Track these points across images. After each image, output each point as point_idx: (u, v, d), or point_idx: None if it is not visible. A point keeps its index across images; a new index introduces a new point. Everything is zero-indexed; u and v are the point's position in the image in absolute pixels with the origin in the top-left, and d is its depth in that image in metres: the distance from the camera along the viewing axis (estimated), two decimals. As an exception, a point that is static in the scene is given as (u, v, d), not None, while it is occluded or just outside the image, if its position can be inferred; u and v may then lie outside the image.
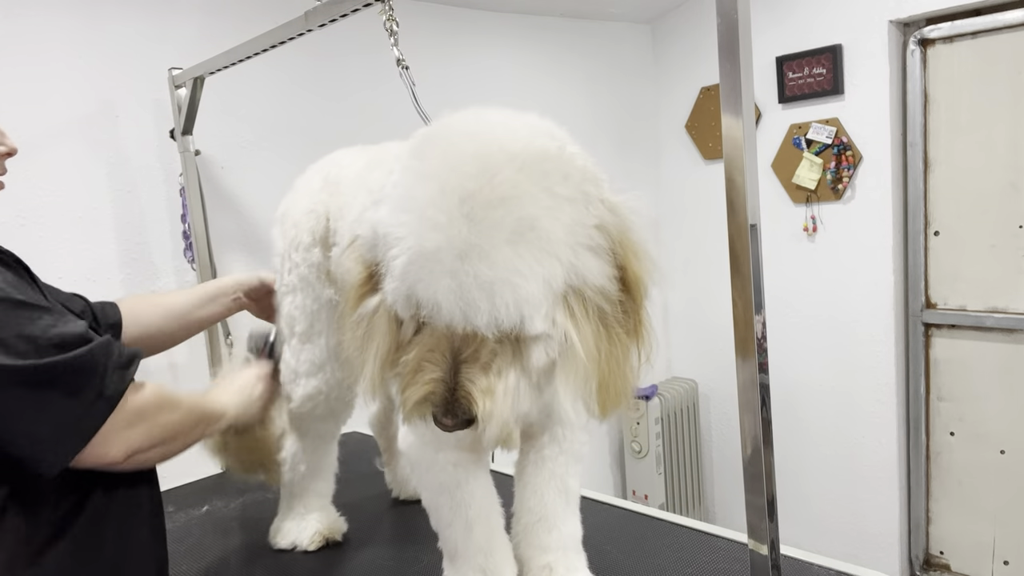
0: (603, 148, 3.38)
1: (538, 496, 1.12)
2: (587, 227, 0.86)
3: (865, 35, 2.85)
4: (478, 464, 1.09)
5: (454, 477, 1.07)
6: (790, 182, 3.10)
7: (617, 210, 0.91)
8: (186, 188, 2.09)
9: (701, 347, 3.60)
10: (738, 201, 0.89)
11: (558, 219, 0.83)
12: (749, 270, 0.90)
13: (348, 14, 1.39)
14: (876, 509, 3.10)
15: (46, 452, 0.93)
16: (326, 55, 2.47)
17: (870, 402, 3.06)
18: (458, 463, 1.07)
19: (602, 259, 0.87)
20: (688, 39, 3.40)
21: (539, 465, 1.13)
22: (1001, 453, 2.84)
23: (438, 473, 1.07)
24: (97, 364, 0.95)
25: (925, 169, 2.88)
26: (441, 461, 1.07)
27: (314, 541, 1.47)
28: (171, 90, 2.04)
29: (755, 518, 0.96)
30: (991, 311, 2.79)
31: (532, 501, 1.12)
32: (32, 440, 0.92)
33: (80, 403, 0.93)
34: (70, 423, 0.93)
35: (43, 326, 0.92)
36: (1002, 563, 2.89)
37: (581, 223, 0.86)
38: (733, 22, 0.85)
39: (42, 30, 1.95)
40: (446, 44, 2.81)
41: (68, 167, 2.01)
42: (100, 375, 0.95)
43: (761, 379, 0.92)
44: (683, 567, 1.30)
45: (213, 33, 2.21)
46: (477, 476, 1.08)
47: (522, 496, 1.14)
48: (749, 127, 0.88)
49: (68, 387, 0.92)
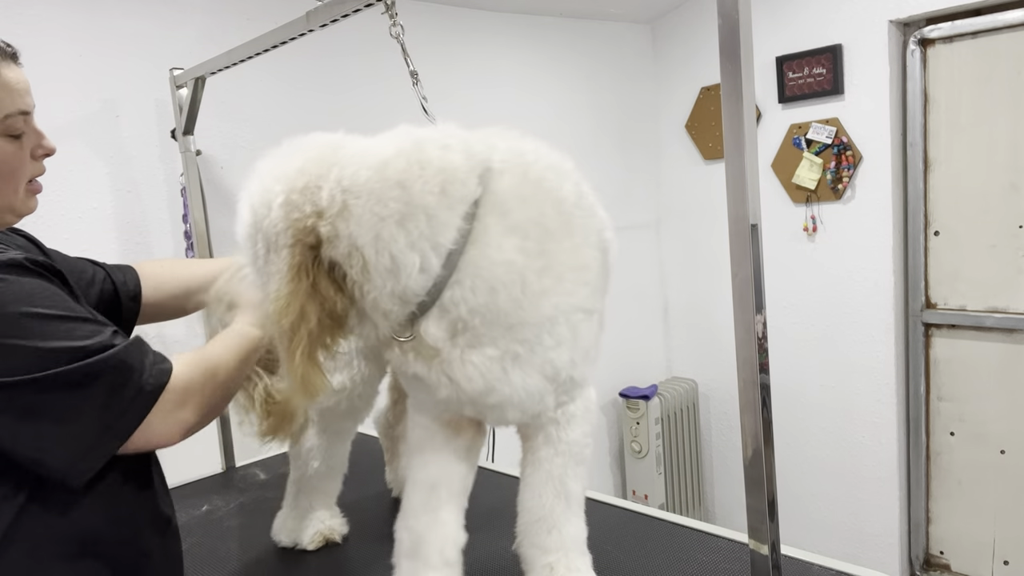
0: (603, 148, 3.38)
1: (536, 497, 1.12)
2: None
3: (865, 35, 2.85)
4: (446, 437, 1.14)
5: (420, 438, 1.15)
6: (790, 182, 3.10)
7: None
8: (187, 188, 2.09)
9: (701, 347, 3.60)
10: (738, 201, 0.89)
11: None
12: (749, 270, 0.91)
13: (349, 14, 1.39)
14: (876, 509, 3.10)
15: (74, 461, 0.92)
16: (327, 55, 2.47)
17: (870, 402, 3.06)
18: (427, 428, 1.14)
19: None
20: (688, 39, 3.40)
21: (536, 466, 1.12)
22: (1001, 453, 2.84)
23: (412, 432, 1.17)
24: (133, 364, 0.95)
25: (925, 169, 2.88)
26: (416, 421, 1.16)
27: (314, 541, 1.47)
28: (172, 90, 2.04)
29: (755, 518, 0.96)
30: (991, 311, 2.79)
31: (531, 502, 1.12)
32: (58, 450, 0.91)
33: (116, 405, 0.93)
34: (102, 429, 0.93)
35: (85, 333, 0.92)
36: (1002, 563, 2.89)
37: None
38: (734, 22, 0.85)
39: (43, 29, 1.95)
40: (446, 44, 2.82)
41: (69, 167, 2.01)
42: (138, 373, 0.95)
43: (761, 379, 0.92)
44: (683, 567, 1.30)
45: (214, 33, 2.21)
46: (441, 447, 1.14)
47: (522, 496, 1.14)
48: (749, 127, 0.88)
49: (107, 388, 0.92)
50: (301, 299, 0.92)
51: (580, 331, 1.02)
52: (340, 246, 0.93)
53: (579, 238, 1.02)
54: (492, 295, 0.95)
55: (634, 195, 3.51)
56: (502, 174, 0.99)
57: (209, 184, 2.18)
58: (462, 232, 0.94)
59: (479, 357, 0.98)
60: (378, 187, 0.92)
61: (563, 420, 1.09)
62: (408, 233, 0.92)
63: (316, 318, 0.93)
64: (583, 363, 1.06)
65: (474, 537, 1.25)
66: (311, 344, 0.93)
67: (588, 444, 1.13)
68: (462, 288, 0.95)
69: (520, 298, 0.96)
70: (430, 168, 0.94)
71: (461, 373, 0.99)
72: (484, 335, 0.97)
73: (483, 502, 1.46)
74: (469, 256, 0.94)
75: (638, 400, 3.33)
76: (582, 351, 1.04)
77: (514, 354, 0.98)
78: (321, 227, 0.92)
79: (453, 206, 0.94)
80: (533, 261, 0.96)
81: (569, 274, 1.00)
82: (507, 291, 0.95)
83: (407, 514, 1.16)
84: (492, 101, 2.96)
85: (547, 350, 1.00)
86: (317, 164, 0.96)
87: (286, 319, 0.92)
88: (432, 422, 1.14)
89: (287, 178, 0.96)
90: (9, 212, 1.03)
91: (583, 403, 1.11)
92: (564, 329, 1.00)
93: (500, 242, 0.95)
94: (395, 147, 0.96)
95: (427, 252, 0.93)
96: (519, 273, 0.95)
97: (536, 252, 0.97)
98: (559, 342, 1.00)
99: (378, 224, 0.91)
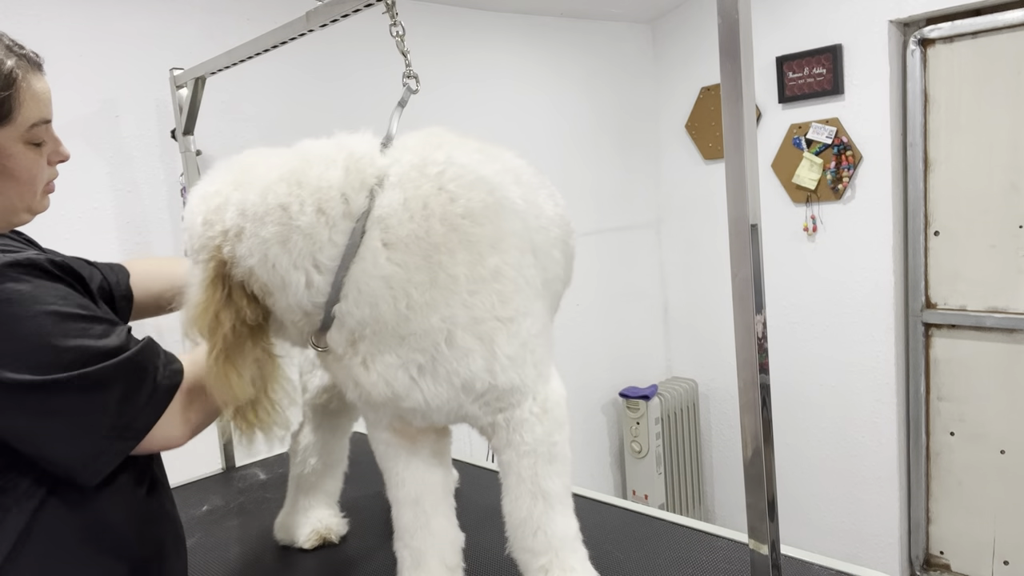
0: (603, 148, 3.38)
1: (513, 500, 1.11)
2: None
3: (865, 35, 2.85)
4: (410, 450, 1.17)
5: (386, 454, 1.18)
6: (790, 182, 3.10)
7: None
8: (187, 188, 2.09)
9: (701, 347, 3.60)
10: (738, 201, 0.89)
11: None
12: (749, 270, 0.91)
13: (349, 14, 1.39)
14: (876, 509, 3.10)
15: (88, 461, 0.94)
16: (327, 55, 2.47)
17: (870, 402, 3.06)
18: (388, 443, 1.17)
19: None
20: (688, 39, 3.40)
21: (505, 470, 1.11)
22: (1001, 453, 2.84)
23: (376, 447, 1.19)
24: (147, 366, 0.98)
25: (925, 169, 2.88)
26: (375, 437, 1.18)
27: (310, 540, 1.48)
28: (172, 90, 2.04)
29: (755, 518, 0.96)
30: (991, 311, 2.79)
31: (510, 506, 1.11)
32: (75, 449, 0.93)
33: (132, 405, 0.96)
34: (118, 429, 0.95)
35: (100, 332, 0.95)
36: (1002, 563, 2.89)
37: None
38: (734, 22, 0.85)
39: (43, 29, 1.95)
40: (446, 44, 2.82)
41: (69, 167, 1.97)
42: (152, 375, 0.98)
43: (761, 379, 0.92)
44: (683, 567, 1.30)
45: (214, 33, 2.21)
46: (409, 461, 1.17)
47: (503, 501, 1.13)
48: (749, 127, 0.88)
49: (123, 389, 0.94)
50: (215, 307, 0.99)
51: (497, 340, 1.02)
52: (240, 265, 0.99)
53: (484, 248, 1.01)
54: (374, 308, 0.99)
55: (634, 195, 3.51)
56: (393, 187, 1.00)
57: (209, 184, 2.18)
58: (342, 249, 0.98)
59: (381, 365, 1.02)
60: (262, 211, 0.97)
61: (511, 425, 1.07)
62: (289, 253, 0.97)
63: (231, 324, 0.99)
64: (508, 371, 1.03)
65: (474, 537, 1.25)
66: (226, 348, 0.99)
67: (556, 442, 1.09)
68: (347, 302, 0.99)
69: (404, 312, 0.99)
70: (307, 188, 0.98)
71: (366, 379, 1.04)
72: (380, 344, 1.01)
73: (483, 502, 1.47)
74: (351, 272, 0.98)
75: (638, 400, 3.33)
76: (504, 358, 1.03)
77: (417, 363, 1.02)
78: (225, 248, 0.99)
79: (334, 223, 0.97)
80: (416, 275, 0.98)
81: (467, 286, 1.00)
82: (388, 305, 0.98)
83: (401, 534, 1.18)
84: (492, 101, 2.97)
85: (449, 361, 1.01)
86: (229, 186, 1.02)
87: (202, 324, 0.99)
88: (390, 436, 1.16)
89: (206, 198, 1.02)
90: (27, 212, 1.07)
91: (535, 405, 1.08)
92: (469, 341, 1.00)
93: (377, 258, 0.98)
94: (283, 168, 1.01)
95: (310, 270, 0.98)
96: (400, 287, 0.98)
97: (419, 266, 0.98)
98: (464, 353, 1.01)
99: (263, 246, 0.97)
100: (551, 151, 3.17)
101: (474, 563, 1.26)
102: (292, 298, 1.00)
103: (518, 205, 1.08)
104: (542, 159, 2.96)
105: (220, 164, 1.08)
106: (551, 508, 1.10)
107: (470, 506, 1.36)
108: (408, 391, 1.03)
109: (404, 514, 1.18)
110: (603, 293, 3.39)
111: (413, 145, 1.07)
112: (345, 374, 1.07)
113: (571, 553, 1.12)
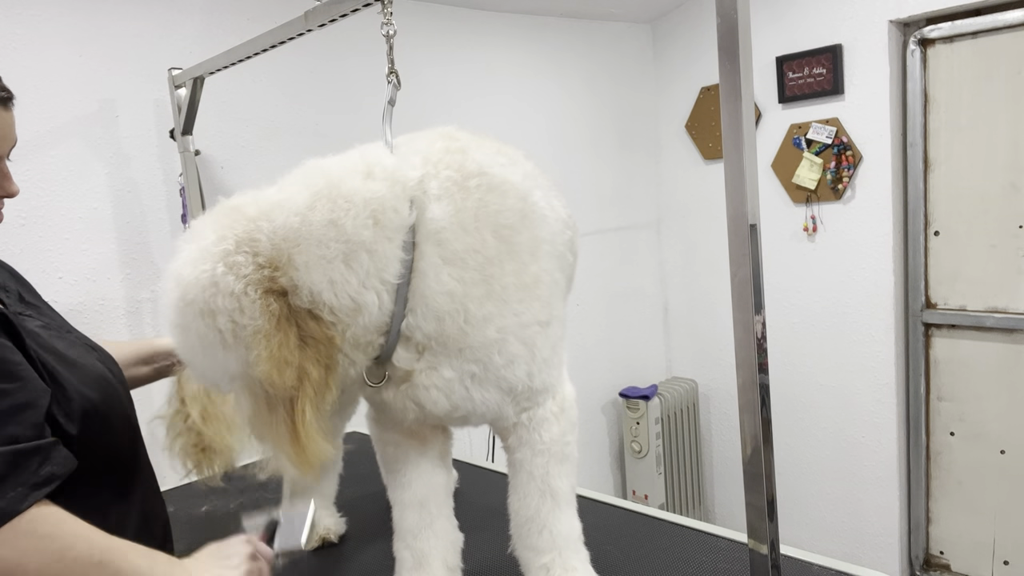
0: (603, 148, 3.38)
1: (521, 498, 1.12)
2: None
3: (865, 35, 2.85)
4: (420, 451, 1.17)
5: (394, 456, 1.17)
6: (790, 182, 3.10)
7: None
8: (186, 188, 2.09)
9: (701, 347, 3.60)
10: (738, 201, 0.89)
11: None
12: (748, 270, 0.90)
13: (348, 14, 1.39)
14: (876, 509, 3.10)
15: None
16: (326, 55, 2.47)
17: (870, 402, 3.06)
18: (399, 444, 1.16)
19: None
20: (688, 39, 3.40)
21: (517, 468, 1.12)
22: (1001, 453, 2.84)
23: (383, 449, 1.18)
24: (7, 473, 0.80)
25: (925, 169, 2.88)
26: (385, 439, 1.17)
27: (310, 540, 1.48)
28: (171, 90, 2.04)
29: (755, 518, 0.96)
30: (991, 311, 2.79)
31: (518, 504, 1.12)
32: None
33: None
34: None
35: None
36: (1002, 563, 2.89)
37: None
38: (733, 22, 0.85)
39: (43, 29, 1.95)
40: (446, 44, 2.81)
41: (68, 167, 2.01)
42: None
43: (761, 379, 0.92)
44: (683, 567, 1.30)
45: (213, 33, 2.21)
46: (418, 463, 1.17)
47: (510, 499, 1.14)
48: (749, 127, 0.88)
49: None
50: (293, 349, 0.86)
51: (537, 343, 1.04)
52: (303, 295, 0.91)
53: (526, 256, 1.03)
54: (439, 323, 0.98)
55: (634, 195, 3.51)
56: (439, 199, 0.99)
57: (208, 184, 2.18)
58: (405, 264, 0.96)
59: (440, 380, 1.02)
60: (312, 230, 0.91)
61: (532, 424, 1.10)
62: (356, 273, 0.92)
63: (316, 370, 0.89)
64: (542, 372, 1.07)
65: (474, 537, 1.25)
66: (317, 401, 0.89)
67: (569, 442, 1.12)
68: (415, 316, 0.98)
69: (463, 326, 0.99)
70: (356, 200, 0.93)
71: (426, 397, 1.03)
72: (441, 357, 1.01)
73: (483, 502, 1.47)
74: (414, 287, 0.97)
75: (638, 400, 3.33)
76: (541, 361, 1.06)
77: (471, 373, 1.02)
78: (280, 279, 0.90)
79: (392, 237, 0.95)
80: (473, 289, 0.99)
81: (516, 294, 1.01)
82: (451, 320, 0.98)
83: (404, 535, 1.18)
84: (492, 101, 2.96)
85: (499, 368, 1.03)
86: (232, 225, 0.92)
87: (287, 374, 0.86)
88: (400, 437, 1.16)
89: (210, 253, 0.90)
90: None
91: (554, 405, 1.11)
92: (516, 347, 1.03)
93: (439, 273, 0.97)
94: (311, 189, 0.94)
95: (379, 289, 0.94)
96: (460, 303, 0.98)
97: (476, 280, 0.99)
98: (512, 360, 1.03)
99: (327, 267, 0.91)
100: (551, 151, 3.17)
101: (473, 563, 1.26)
102: (367, 319, 0.94)
103: (544, 210, 1.10)
104: (542, 159, 2.95)
105: (196, 224, 0.95)
106: (558, 507, 1.11)
107: (470, 506, 1.36)
108: (463, 401, 1.04)
109: (408, 516, 1.17)
110: (603, 293, 3.39)
111: (435, 151, 1.06)
112: (403, 398, 1.04)
113: (574, 553, 1.13)
